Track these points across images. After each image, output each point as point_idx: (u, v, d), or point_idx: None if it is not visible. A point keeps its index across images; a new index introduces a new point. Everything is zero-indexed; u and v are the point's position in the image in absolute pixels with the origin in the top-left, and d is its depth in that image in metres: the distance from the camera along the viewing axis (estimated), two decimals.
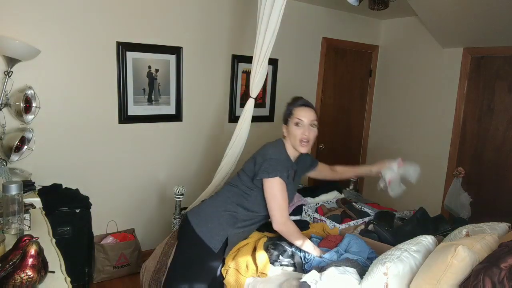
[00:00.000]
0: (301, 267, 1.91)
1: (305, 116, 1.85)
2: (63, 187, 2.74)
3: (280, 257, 1.92)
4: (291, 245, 1.97)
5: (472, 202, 3.47)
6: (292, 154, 1.93)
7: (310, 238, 2.11)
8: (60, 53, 2.69)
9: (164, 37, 3.09)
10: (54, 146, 2.76)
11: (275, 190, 1.81)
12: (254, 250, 1.98)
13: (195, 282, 1.87)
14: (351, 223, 2.43)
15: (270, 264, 1.91)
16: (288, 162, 1.91)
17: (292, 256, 1.94)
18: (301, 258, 1.93)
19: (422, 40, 3.97)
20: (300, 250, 1.94)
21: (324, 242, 2.10)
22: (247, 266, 1.88)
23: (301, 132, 1.84)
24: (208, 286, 1.91)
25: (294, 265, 1.92)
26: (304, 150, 1.87)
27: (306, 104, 1.90)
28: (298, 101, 1.92)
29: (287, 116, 1.91)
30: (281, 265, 1.93)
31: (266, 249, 1.97)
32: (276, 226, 1.87)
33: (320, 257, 1.88)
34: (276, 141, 1.96)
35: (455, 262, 1.43)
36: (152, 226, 3.30)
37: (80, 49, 2.76)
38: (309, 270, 1.86)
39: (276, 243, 2.00)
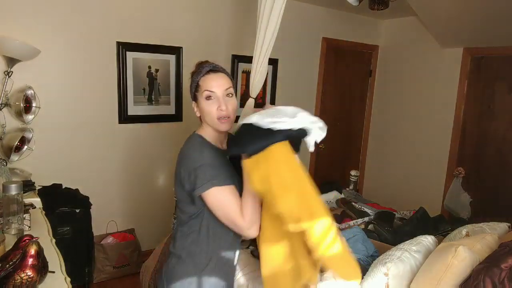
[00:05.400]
0: None
1: (217, 86, 1.38)
2: (63, 187, 2.74)
3: None
4: None
5: (472, 202, 3.47)
6: (216, 138, 1.43)
7: None
8: (60, 53, 2.69)
9: (164, 37, 3.09)
10: (54, 146, 2.76)
11: (219, 200, 1.29)
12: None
13: None
14: (351, 223, 2.44)
15: None
16: (215, 151, 1.38)
17: None
18: None
19: (422, 40, 3.97)
20: None
21: None
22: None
23: (216, 107, 1.35)
24: None
25: None
26: (224, 127, 1.38)
27: (215, 69, 1.43)
28: (203, 68, 1.44)
29: (195, 90, 1.44)
30: None
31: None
32: (246, 233, 1.30)
33: None
34: (190, 136, 1.46)
35: (455, 263, 1.43)
36: (152, 226, 3.29)
37: (80, 49, 2.75)
38: None
39: None
